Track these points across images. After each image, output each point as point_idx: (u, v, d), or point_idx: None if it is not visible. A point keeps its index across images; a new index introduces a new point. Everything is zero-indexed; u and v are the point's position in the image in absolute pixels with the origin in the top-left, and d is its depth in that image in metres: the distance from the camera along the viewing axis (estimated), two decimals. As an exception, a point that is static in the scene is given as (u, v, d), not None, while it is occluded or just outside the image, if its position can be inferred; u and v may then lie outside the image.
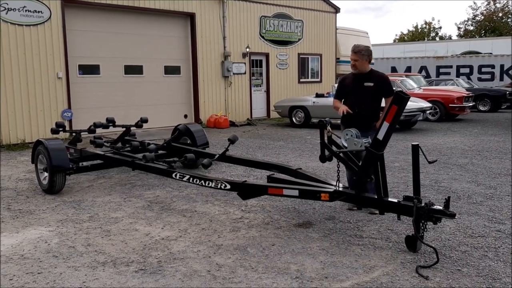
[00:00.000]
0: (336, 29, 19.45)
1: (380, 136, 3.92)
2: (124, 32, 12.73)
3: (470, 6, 76.85)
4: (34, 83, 10.82)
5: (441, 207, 3.71)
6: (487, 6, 44.39)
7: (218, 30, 14.78)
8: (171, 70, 13.95)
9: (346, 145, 4.30)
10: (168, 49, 13.78)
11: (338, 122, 5.23)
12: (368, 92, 4.94)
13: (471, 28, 45.92)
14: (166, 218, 4.95)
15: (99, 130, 7.66)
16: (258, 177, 6.80)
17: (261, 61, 16.55)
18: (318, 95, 14.07)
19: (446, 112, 14.88)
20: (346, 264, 3.66)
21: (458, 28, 47.47)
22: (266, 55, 16.57)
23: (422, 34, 49.30)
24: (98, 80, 12.32)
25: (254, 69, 16.35)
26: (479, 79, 25.27)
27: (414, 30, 50.14)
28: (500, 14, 43.93)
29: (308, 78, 18.44)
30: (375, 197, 4.10)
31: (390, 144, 8.23)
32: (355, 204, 4.82)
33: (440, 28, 55.67)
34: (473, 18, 45.77)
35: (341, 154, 4.31)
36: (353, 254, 3.86)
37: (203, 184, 4.99)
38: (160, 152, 6.97)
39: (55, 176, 5.88)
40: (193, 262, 3.74)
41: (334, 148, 4.41)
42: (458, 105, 14.86)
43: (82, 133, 7.49)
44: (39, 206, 5.49)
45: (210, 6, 14.49)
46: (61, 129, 7.14)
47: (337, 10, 19.23)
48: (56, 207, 5.42)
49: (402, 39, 49.14)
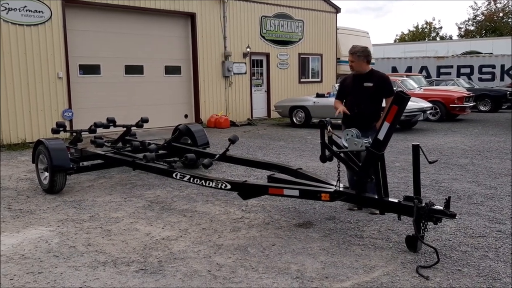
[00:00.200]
0: (336, 29, 19.46)
1: (380, 136, 3.92)
2: (124, 32, 12.74)
3: (471, 6, 76.92)
4: (35, 83, 10.82)
5: (441, 207, 3.71)
6: (488, 6, 44.47)
7: (218, 30, 14.78)
8: (172, 70, 13.95)
9: (346, 145, 4.30)
10: (168, 49, 13.78)
11: (339, 122, 5.24)
12: (367, 92, 4.93)
13: (472, 28, 45.94)
14: (167, 218, 4.96)
15: (100, 130, 7.66)
16: (259, 177, 6.81)
17: (261, 61, 16.55)
18: (318, 95, 14.08)
19: (446, 112, 14.88)
20: (346, 264, 3.66)
21: (459, 28, 47.69)
22: (267, 55, 16.58)
23: (422, 34, 49.31)
24: (99, 80, 12.33)
25: (255, 69, 16.35)
26: (480, 79, 25.26)
27: (414, 30, 50.16)
28: (500, 14, 43.94)
29: (308, 78, 18.44)
30: (376, 197, 4.10)
31: (391, 144, 8.22)
32: (356, 204, 4.82)
33: (440, 28, 55.76)
34: (473, 18, 45.84)
35: (341, 154, 4.31)
36: (353, 254, 3.86)
37: (204, 184, 4.99)
38: (160, 152, 6.97)
39: (56, 176, 5.88)
40: (193, 262, 3.75)
41: (334, 148, 4.41)
42: (459, 105, 14.85)
43: (82, 133, 7.52)
44: (40, 206, 5.50)
45: (210, 6, 14.50)
46: (61, 129, 7.15)
47: (337, 10, 19.22)
48: (56, 207, 5.42)
49: (402, 39, 49.14)
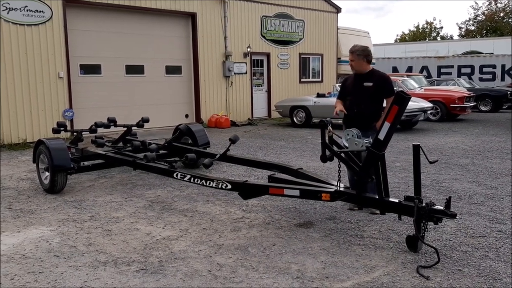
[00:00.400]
0: (337, 29, 19.45)
1: (381, 136, 3.92)
2: (125, 32, 12.74)
3: (472, 6, 76.70)
4: (36, 83, 10.83)
5: (442, 207, 3.71)
6: (489, 6, 44.42)
7: (219, 30, 14.78)
8: (172, 70, 13.95)
9: (347, 145, 4.31)
10: (169, 49, 13.78)
11: (339, 122, 5.25)
12: (367, 92, 4.92)
13: (473, 28, 45.89)
14: (167, 217, 4.96)
15: (100, 130, 7.67)
16: (259, 177, 6.81)
17: (262, 61, 16.55)
18: (319, 95, 14.08)
19: (447, 112, 14.87)
20: (347, 264, 3.66)
21: (460, 28, 47.50)
22: (267, 55, 16.57)
23: (423, 34, 49.28)
24: (100, 79, 12.34)
25: (255, 69, 16.35)
26: (480, 79, 25.25)
27: (415, 30, 50.12)
28: (501, 14, 43.90)
29: (309, 78, 18.43)
30: (376, 197, 4.10)
31: (391, 144, 8.23)
32: (356, 204, 4.82)
33: (441, 28, 55.56)
34: (474, 18, 45.78)
35: (342, 154, 4.31)
36: (354, 254, 3.86)
37: (204, 184, 4.99)
38: (161, 151, 6.98)
39: (57, 175, 5.88)
40: (194, 261, 3.75)
41: (335, 148, 4.41)
42: (459, 105, 14.84)
43: (83, 132, 7.53)
44: (41, 205, 5.50)
45: (211, 6, 14.50)
46: (62, 128, 7.16)
47: (338, 10, 19.21)
48: (57, 207, 5.42)
49: (403, 39, 49.12)
